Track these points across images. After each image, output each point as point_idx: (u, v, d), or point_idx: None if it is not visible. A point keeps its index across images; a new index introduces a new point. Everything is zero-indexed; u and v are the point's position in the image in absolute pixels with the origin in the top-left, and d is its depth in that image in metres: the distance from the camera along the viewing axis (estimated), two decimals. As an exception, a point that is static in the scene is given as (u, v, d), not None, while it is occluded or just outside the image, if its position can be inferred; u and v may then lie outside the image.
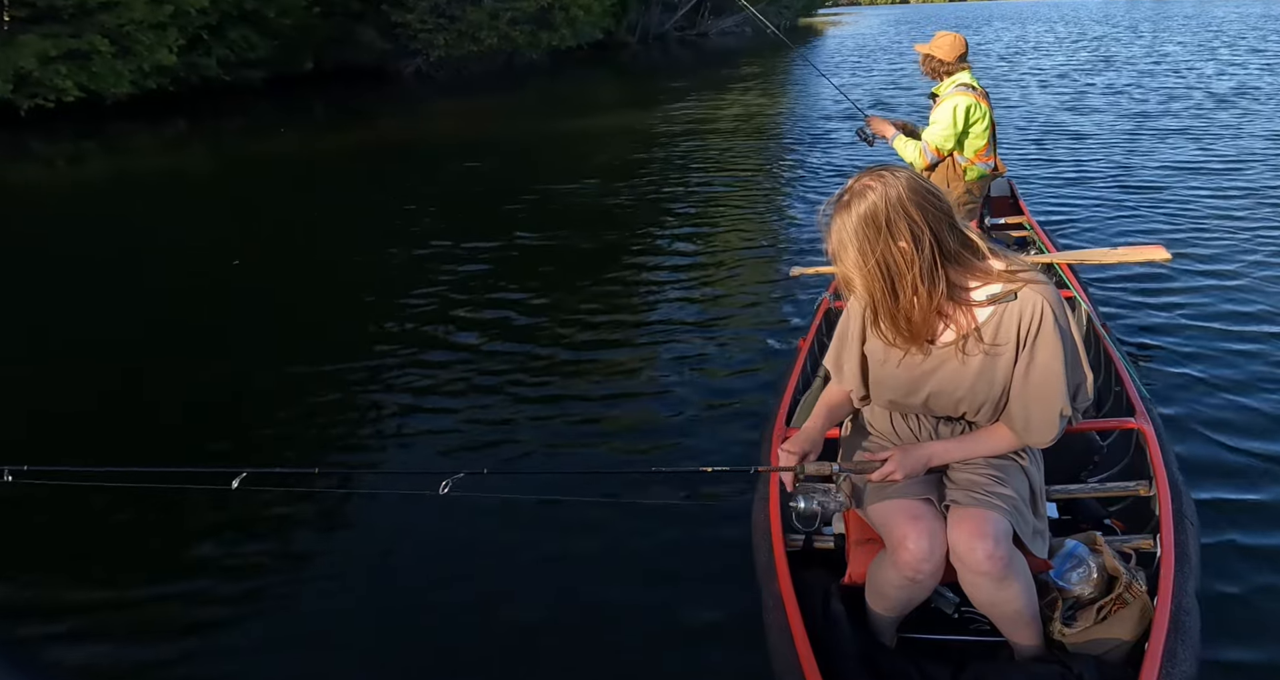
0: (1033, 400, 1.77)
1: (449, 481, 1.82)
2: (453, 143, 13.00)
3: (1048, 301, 1.73)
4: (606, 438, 3.51)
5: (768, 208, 7.55)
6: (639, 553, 2.68)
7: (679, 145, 10.99)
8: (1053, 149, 9.06)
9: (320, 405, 3.97)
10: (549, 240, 6.69)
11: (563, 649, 2.33)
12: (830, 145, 10.14)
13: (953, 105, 3.94)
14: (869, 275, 1.69)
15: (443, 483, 1.82)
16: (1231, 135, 9.23)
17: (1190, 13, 40.03)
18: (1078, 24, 38.26)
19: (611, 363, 4.26)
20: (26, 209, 9.98)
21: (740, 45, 34.66)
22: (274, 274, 6.35)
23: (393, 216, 7.85)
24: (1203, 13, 38.89)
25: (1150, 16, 39.82)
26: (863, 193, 1.68)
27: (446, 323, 4.94)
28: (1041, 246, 4.48)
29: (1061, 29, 33.98)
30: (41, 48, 15.90)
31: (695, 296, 5.22)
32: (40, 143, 15.30)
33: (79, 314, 5.60)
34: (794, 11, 49.35)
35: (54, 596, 2.65)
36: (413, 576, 2.66)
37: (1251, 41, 21.75)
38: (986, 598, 1.81)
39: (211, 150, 14.38)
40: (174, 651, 2.41)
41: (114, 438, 3.77)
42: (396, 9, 23.09)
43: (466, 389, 4.04)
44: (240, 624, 2.50)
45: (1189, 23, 32.19)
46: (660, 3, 35.43)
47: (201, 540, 2.90)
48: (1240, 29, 26.67)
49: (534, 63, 26.09)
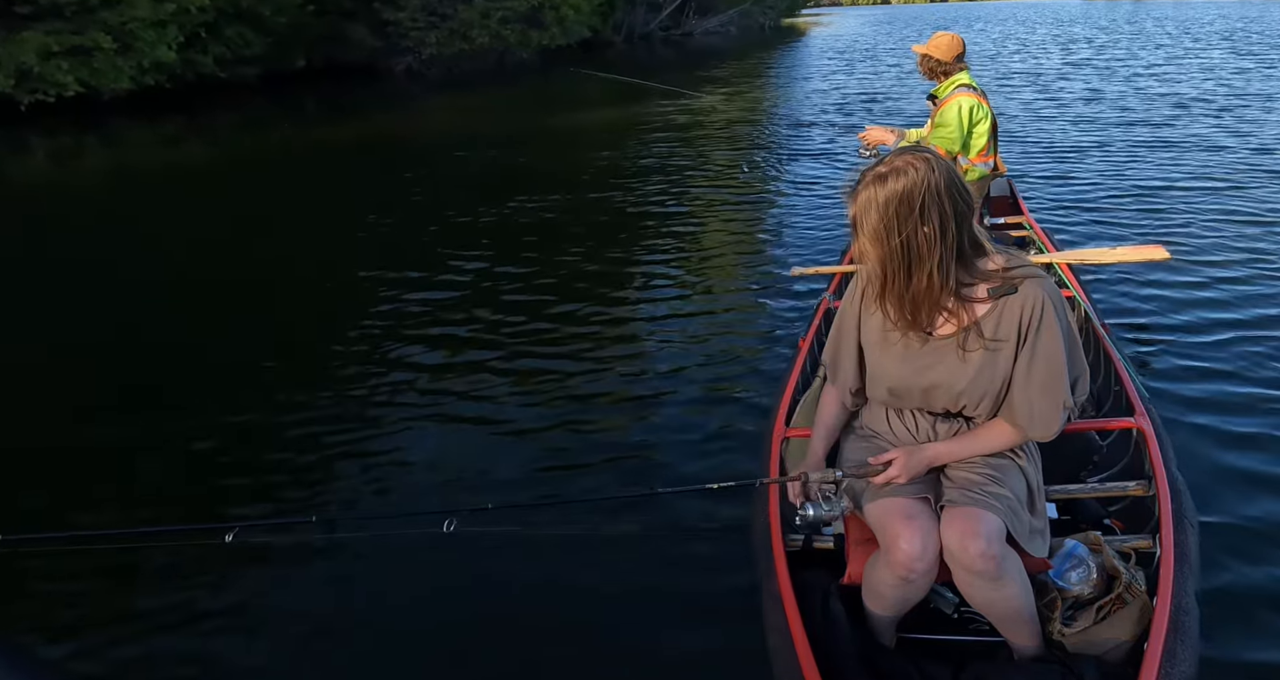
0: (1036, 392, 1.79)
1: (452, 519, 1.80)
2: (445, 140, 12.95)
3: (1047, 295, 1.76)
4: (608, 449, 3.40)
5: (766, 206, 7.53)
6: (639, 558, 2.66)
7: (673, 143, 10.96)
8: (1052, 149, 9.05)
9: (312, 439, 3.70)
10: (543, 242, 6.64)
11: (567, 661, 2.31)
12: (828, 145, 10.13)
13: (957, 106, 3.93)
14: (890, 252, 1.70)
15: (446, 521, 1.80)
16: (1231, 134, 9.23)
17: (1170, 14, 40.04)
18: (1059, 24, 38.37)
19: (610, 363, 4.25)
20: (29, 203, 9.97)
21: (725, 45, 34.67)
22: (262, 279, 6.27)
23: (382, 219, 7.80)
24: (1182, 14, 38.90)
25: (1131, 17, 39.86)
26: (905, 170, 1.68)
27: (438, 339, 4.69)
28: (1041, 246, 4.48)
29: (1043, 30, 34.03)
30: (44, 43, 15.95)
31: (694, 297, 5.21)
32: (40, 137, 15.32)
33: (62, 324, 5.47)
34: (778, 12, 49.62)
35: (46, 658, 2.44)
36: (419, 617, 2.52)
37: (1245, 42, 21.75)
38: (982, 597, 1.82)
39: (208, 145, 14.37)
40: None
41: (93, 469, 3.53)
42: (388, 7, 23.15)
43: (461, 416, 3.79)
44: (240, 675, 2.38)
45: (1178, 23, 32.25)
46: (645, 2, 35.49)
47: (195, 597, 2.67)
48: (1227, 28, 26.73)
49: (524, 61, 26.06)
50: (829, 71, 20.49)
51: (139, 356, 4.83)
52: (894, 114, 12.64)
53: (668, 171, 9.19)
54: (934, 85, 4.15)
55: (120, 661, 2.44)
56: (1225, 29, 26.28)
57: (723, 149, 10.55)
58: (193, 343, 4.97)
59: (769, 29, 46.54)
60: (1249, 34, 24.39)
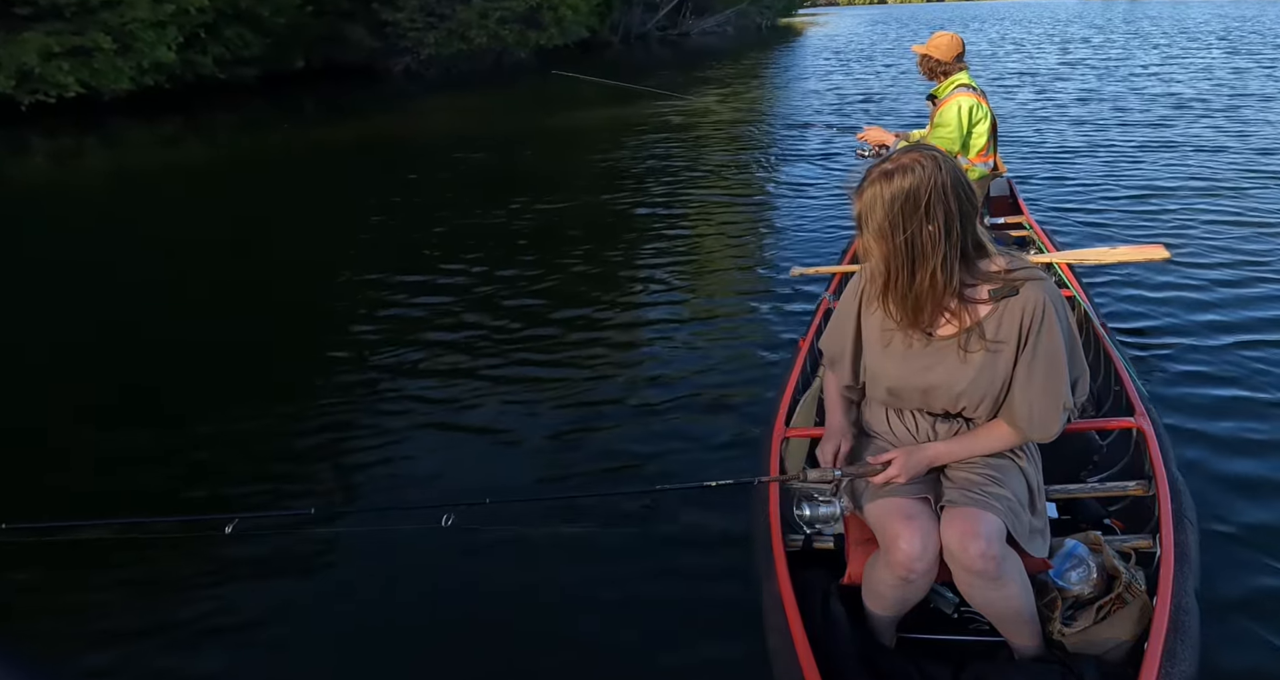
0: (1036, 394, 1.79)
1: (449, 514, 1.83)
2: (444, 141, 12.96)
3: (1048, 297, 1.76)
4: (607, 449, 3.41)
5: (766, 207, 7.53)
6: (639, 562, 2.65)
7: (671, 144, 10.96)
8: (1052, 149, 9.05)
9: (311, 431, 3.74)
10: (543, 242, 6.64)
11: (566, 662, 2.31)
12: (826, 145, 10.13)
13: (956, 106, 3.93)
14: (893, 249, 1.70)
15: (444, 516, 1.83)
16: (1231, 134, 9.23)
17: (1169, 13, 40.02)
18: (1055, 24, 38.38)
19: (609, 363, 4.25)
20: (31, 203, 9.99)
21: (722, 45, 34.70)
22: (262, 279, 6.27)
23: (380, 220, 7.80)
24: (1179, 13, 38.91)
25: (1128, 16, 39.84)
26: (911, 167, 1.68)
27: (435, 342, 4.65)
28: (1041, 246, 4.47)
29: (1039, 29, 34.05)
30: (44, 44, 16.00)
31: (694, 297, 5.21)
32: (40, 137, 15.37)
33: (63, 322, 5.48)
34: (774, 11, 49.72)
35: (48, 651, 2.48)
36: (416, 612, 2.53)
37: (1242, 42, 21.76)
38: (982, 597, 1.82)
39: (208, 146, 14.41)
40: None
41: (94, 467, 3.54)
42: (386, 7, 23.20)
43: (461, 415, 3.79)
44: (239, 668, 2.38)
45: (1174, 23, 32.23)
46: (642, 2, 35.58)
47: (195, 589, 2.69)
48: (1224, 27, 26.71)
49: (522, 61, 26.08)
50: (826, 72, 20.49)
51: (139, 354, 4.84)
52: (890, 114, 12.64)
53: (667, 172, 9.18)
54: (933, 85, 4.16)
55: (108, 650, 2.47)
56: (1222, 28, 26.26)
57: (721, 150, 10.55)
58: (193, 342, 4.97)
59: (766, 29, 46.60)
60: (1245, 34, 24.38)
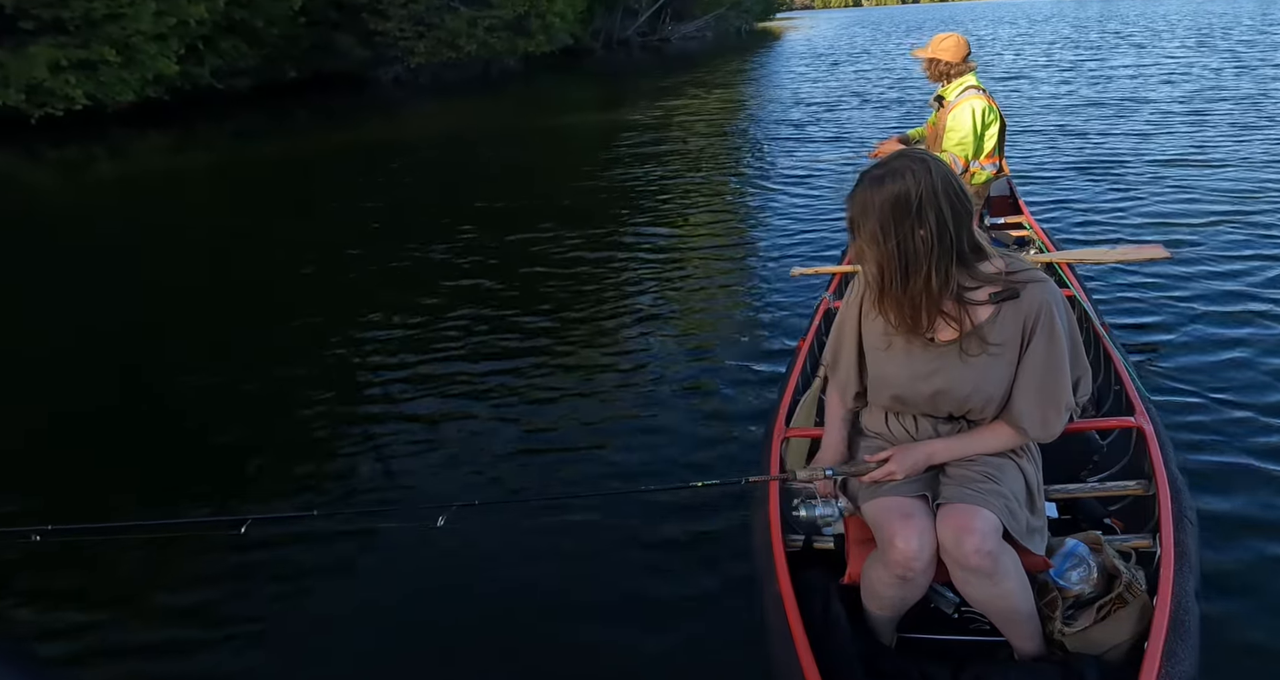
0: (1037, 396, 1.79)
1: (443, 515, 1.87)
2: (436, 147, 13.08)
3: (1050, 299, 1.76)
4: (602, 449, 3.42)
5: (765, 208, 7.53)
6: (634, 562, 2.66)
7: (665, 146, 11.00)
8: (1050, 149, 9.04)
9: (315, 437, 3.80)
10: (541, 244, 6.65)
11: (561, 661, 2.31)
12: (825, 143, 10.14)
13: (970, 109, 3.86)
14: (886, 254, 1.71)
15: (438, 517, 1.87)
16: (1230, 134, 9.21)
17: (1140, 10, 39.92)
18: (1030, 24, 38.27)
19: (609, 364, 4.26)
20: (45, 212, 10.14)
21: (702, 49, 34.92)
22: (263, 279, 6.34)
23: (376, 224, 7.86)
24: (1148, 11, 38.86)
25: (1102, 15, 39.75)
26: (901, 172, 1.69)
27: (431, 344, 4.70)
28: (1041, 246, 4.47)
29: (1011, 29, 33.97)
30: (52, 58, 16.21)
31: (694, 297, 5.22)
32: (48, 148, 15.65)
33: (72, 327, 5.57)
34: (752, 16, 49.92)
35: (68, 647, 2.54)
36: (413, 611, 2.56)
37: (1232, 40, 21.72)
38: (979, 595, 1.81)
39: (208, 155, 14.58)
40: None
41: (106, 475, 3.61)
42: (375, 17, 23.39)
43: (454, 415, 3.84)
44: (244, 662, 2.43)
45: (1156, 19, 32.17)
46: (623, 8, 35.70)
47: (208, 585, 2.76)
48: (1221, 24, 26.68)
49: (509, 68, 26.26)
50: (809, 75, 20.55)
51: (143, 356, 4.91)
52: (887, 113, 12.67)
53: (664, 174, 9.21)
54: (936, 87, 4.10)
55: (102, 649, 2.51)
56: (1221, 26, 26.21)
57: (720, 152, 10.57)
58: (194, 342, 5.06)
59: (744, 33, 46.79)
60: (1238, 30, 24.33)
